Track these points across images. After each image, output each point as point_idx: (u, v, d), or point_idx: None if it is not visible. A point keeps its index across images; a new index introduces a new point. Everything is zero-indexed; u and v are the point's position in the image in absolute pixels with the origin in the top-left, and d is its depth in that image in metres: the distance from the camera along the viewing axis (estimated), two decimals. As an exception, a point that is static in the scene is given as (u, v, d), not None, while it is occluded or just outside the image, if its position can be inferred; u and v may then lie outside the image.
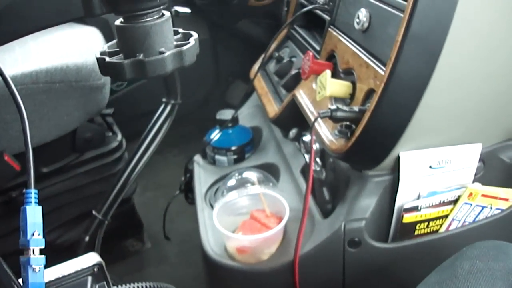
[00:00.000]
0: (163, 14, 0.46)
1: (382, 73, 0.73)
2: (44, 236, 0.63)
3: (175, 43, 0.47)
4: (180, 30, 0.49)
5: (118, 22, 0.46)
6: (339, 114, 0.75)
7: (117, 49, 0.47)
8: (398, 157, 0.78)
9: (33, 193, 0.63)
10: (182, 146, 2.02)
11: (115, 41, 0.49)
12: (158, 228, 1.57)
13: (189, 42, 0.46)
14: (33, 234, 0.62)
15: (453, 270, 0.59)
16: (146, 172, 1.29)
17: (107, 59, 0.45)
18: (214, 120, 1.20)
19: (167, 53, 0.44)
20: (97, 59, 0.45)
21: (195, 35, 0.48)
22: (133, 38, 0.44)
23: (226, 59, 2.03)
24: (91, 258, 0.80)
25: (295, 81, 1.04)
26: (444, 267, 0.61)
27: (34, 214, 0.63)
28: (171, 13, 0.46)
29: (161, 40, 0.45)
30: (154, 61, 0.44)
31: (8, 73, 0.57)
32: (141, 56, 0.44)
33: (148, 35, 0.44)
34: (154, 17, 0.45)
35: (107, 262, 0.77)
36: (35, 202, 0.63)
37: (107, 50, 0.47)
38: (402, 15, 0.71)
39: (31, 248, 0.62)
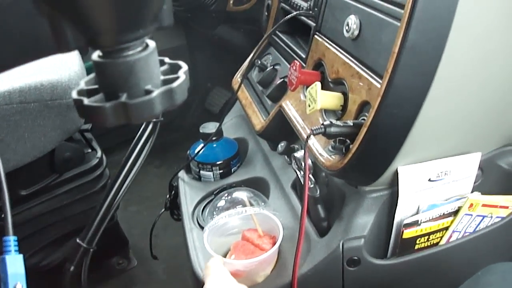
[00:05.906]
0: (147, 45, 0.39)
1: (377, 85, 0.69)
2: (27, 284, 0.57)
3: (162, 77, 0.40)
4: (166, 59, 0.42)
5: (95, 56, 0.38)
6: (333, 130, 0.71)
7: (97, 87, 0.40)
8: (396, 172, 0.74)
9: (12, 240, 0.58)
10: (163, 156, 1.96)
11: (93, 75, 0.41)
12: (143, 244, 1.52)
13: (178, 77, 0.39)
14: (15, 287, 0.57)
15: None
16: (128, 185, 1.24)
17: (86, 101, 0.37)
18: (195, 127, 1.14)
19: (155, 93, 0.36)
20: (74, 100, 0.38)
21: (184, 66, 0.41)
22: (114, 76, 0.37)
23: (205, 65, 1.98)
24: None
25: (281, 90, 0.99)
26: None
27: (15, 264, 0.57)
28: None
29: (146, 76, 0.37)
30: (140, 104, 0.36)
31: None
32: (124, 97, 0.36)
33: (131, 72, 0.36)
34: (137, 50, 0.37)
35: (94, 282, 0.71)
36: (15, 250, 0.58)
37: (84, 88, 0.40)
38: (396, 22, 0.67)
39: (14, 303, 0.56)
